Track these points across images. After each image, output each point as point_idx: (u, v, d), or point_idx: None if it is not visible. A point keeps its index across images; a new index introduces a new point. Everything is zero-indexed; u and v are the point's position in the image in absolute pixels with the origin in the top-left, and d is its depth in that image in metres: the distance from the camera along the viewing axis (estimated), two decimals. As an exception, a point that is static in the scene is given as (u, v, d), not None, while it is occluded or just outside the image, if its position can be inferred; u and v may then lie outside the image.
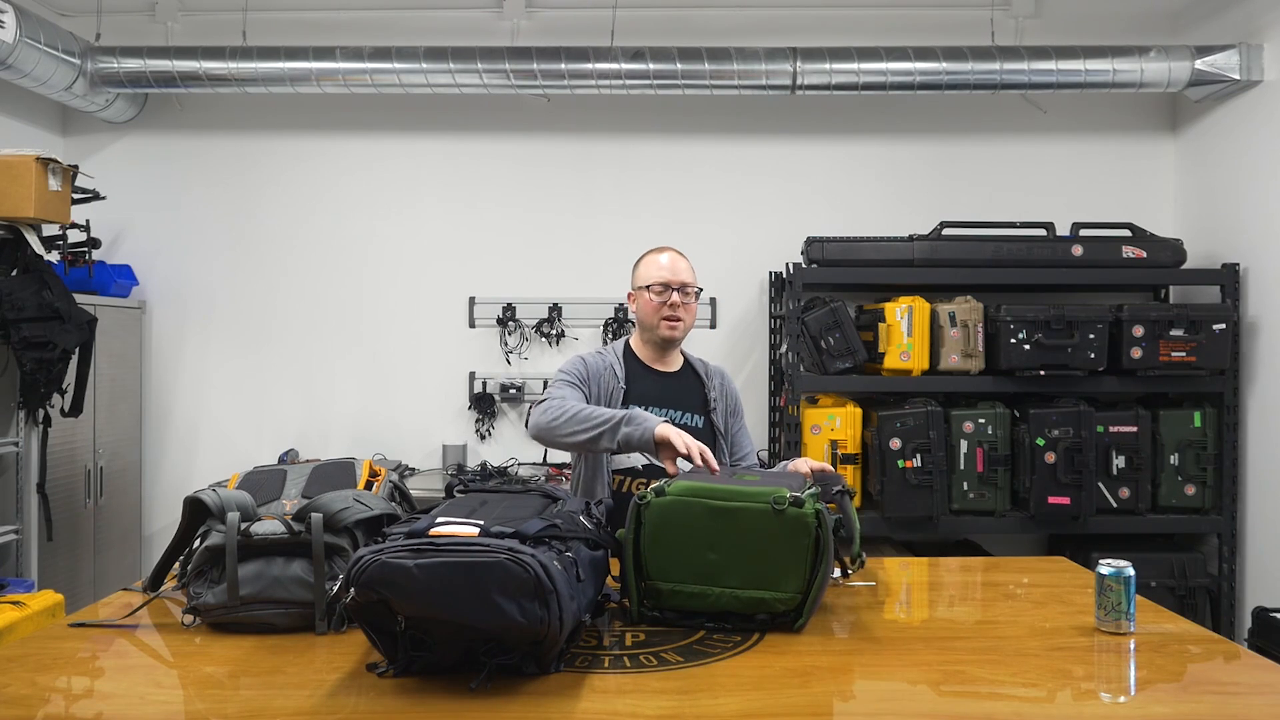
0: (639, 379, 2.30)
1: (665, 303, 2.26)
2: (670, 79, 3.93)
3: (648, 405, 2.24)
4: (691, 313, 2.31)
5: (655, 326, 2.29)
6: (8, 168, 3.28)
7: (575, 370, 2.26)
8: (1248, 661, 1.45)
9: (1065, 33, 4.22)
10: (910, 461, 3.65)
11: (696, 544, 1.55)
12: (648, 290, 2.28)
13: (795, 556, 1.52)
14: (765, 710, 1.22)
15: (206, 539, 1.53)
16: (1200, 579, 3.75)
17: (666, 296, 2.26)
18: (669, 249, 2.35)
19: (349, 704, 1.23)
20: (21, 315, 3.28)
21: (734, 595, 1.54)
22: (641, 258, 2.36)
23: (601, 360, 2.31)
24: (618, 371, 2.28)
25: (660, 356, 2.35)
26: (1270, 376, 3.69)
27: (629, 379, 2.28)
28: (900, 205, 4.35)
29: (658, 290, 2.27)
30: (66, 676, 1.36)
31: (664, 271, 2.28)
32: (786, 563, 1.52)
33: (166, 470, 4.46)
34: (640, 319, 2.34)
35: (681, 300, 2.27)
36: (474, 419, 4.40)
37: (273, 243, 4.46)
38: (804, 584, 1.52)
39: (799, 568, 1.52)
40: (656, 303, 2.27)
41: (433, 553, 1.24)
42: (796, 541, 1.52)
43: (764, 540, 1.53)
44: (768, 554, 1.53)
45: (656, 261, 2.31)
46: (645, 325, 2.32)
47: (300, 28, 4.31)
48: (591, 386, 2.25)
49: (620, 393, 2.25)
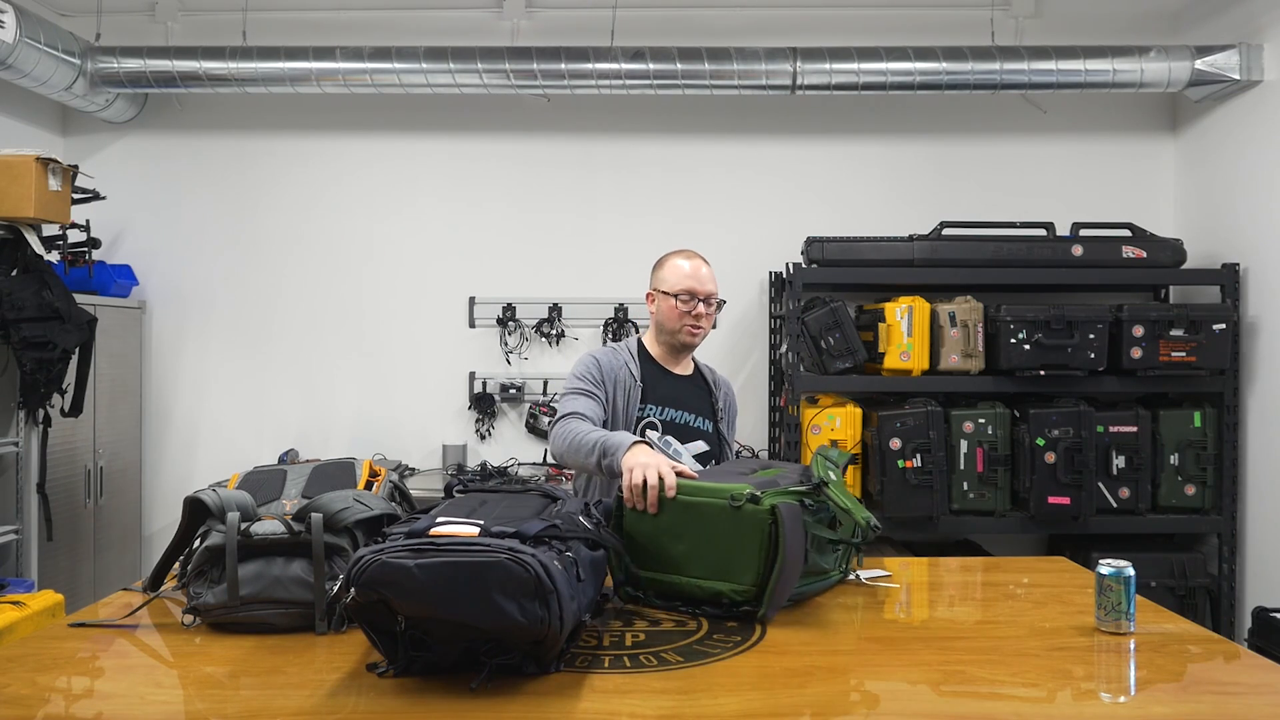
0: (656, 378, 2.29)
1: (690, 311, 2.25)
2: (670, 79, 3.93)
3: (664, 405, 2.24)
4: (710, 320, 2.31)
5: (677, 331, 2.28)
6: (8, 168, 3.28)
7: (588, 374, 2.23)
8: (1248, 661, 1.45)
9: (1065, 33, 4.22)
10: (910, 461, 3.65)
11: (667, 535, 1.66)
12: (674, 298, 2.26)
13: (749, 551, 1.59)
14: (765, 710, 1.22)
15: (206, 539, 1.53)
16: (1200, 579, 3.75)
17: (692, 306, 2.25)
18: (695, 255, 2.32)
19: (349, 704, 1.23)
20: (21, 315, 3.28)
21: (697, 585, 1.63)
22: (666, 259, 2.32)
23: (615, 358, 2.28)
24: (633, 370, 2.26)
25: (674, 358, 2.34)
26: (1270, 376, 3.69)
27: (645, 377, 2.27)
28: (900, 205, 4.35)
29: (684, 299, 2.25)
30: (66, 676, 1.36)
31: (691, 280, 2.26)
32: (742, 557, 1.59)
33: (166, 470, 4.46)
34: (661, 321, 2.31)
35: (706, 310, 2.27)
36: (474, 419, 4.40)
37: (273, 243, 4.46)
38: (758, 578, 1.58)
39: (753, 562, 1.58)
40: (681, 310, 2.25)
41: (433, 552, 1.24)
42: (750, 537, 1.59)
43: (722, 534, 1.61)
44: (726, 547, 1.61)
45: (684, 269, 2.28)
46: (666, 329, 2.30)
47: (300, 28, 4.31)
48: (607, 386, 2.23)
49: (638, 390, 2.24)
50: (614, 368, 2.25)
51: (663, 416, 2.24)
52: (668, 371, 2.32)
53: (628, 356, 2.30)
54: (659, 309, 2.31)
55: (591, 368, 2.25)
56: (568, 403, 2.19)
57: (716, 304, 2.31)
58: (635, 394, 2.23)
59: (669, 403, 2.25)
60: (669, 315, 2.28)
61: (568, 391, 2.23)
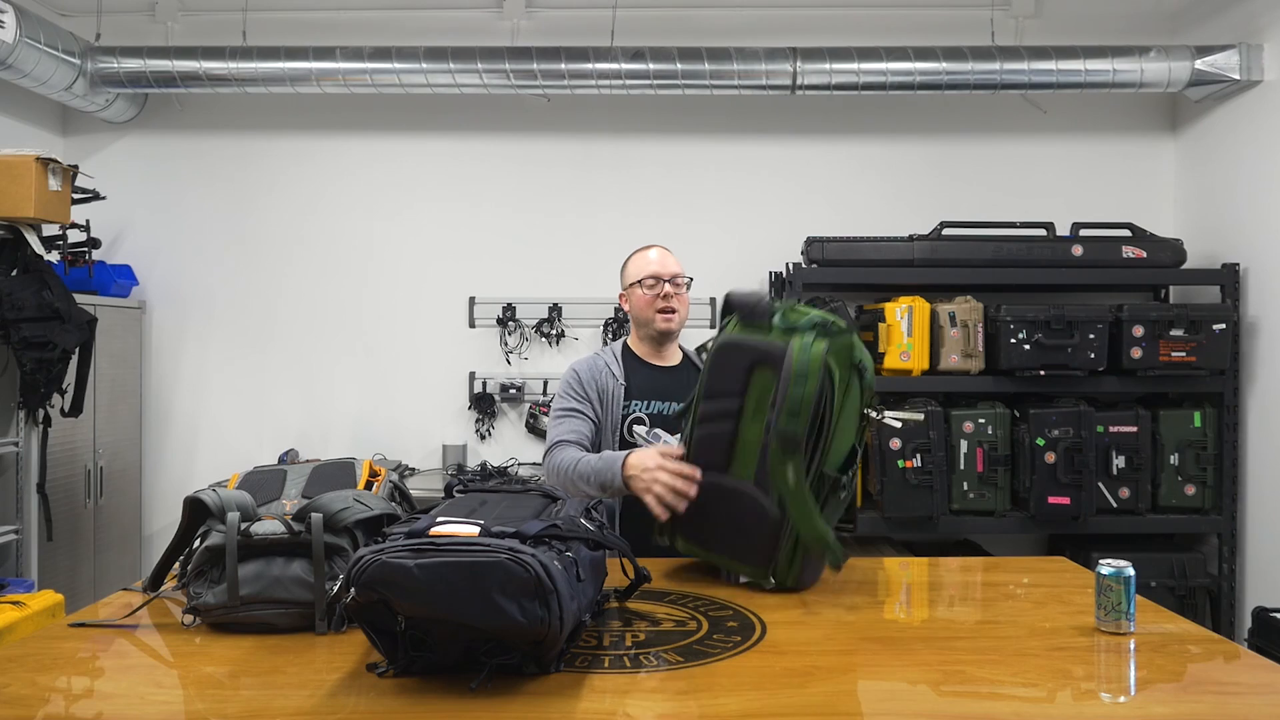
0: (637, 374, 2.31)
1: (658, 295, 2.27)
2: (670, 79, 3.93)
3: (648, 399, 2.26)
4: (684, 303, 2.32)
5: (651, 320, 2.30)
6: (8, 168, 3.28)
7: (570, 390, 2.27)
8: (1248, 661, 1.45)
9: (1065, 33, 4.21)
10: (910, 461, 3.65)
11: None
12: (639, 285, 2.29)
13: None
14: (765, 710, 1.22)
15: (206, 539, 1.52)
16: (1200, 579, 3.75)
17: (659, 289, 2.27)
18: (654, 245, 2.36)
19: (349, 704, 1.23)
20: (21, 315, 3.28)
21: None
22: (628, 258, 2.38)
23: (597, 362, 2.31)
24: (615, 371, 2.28)
25: (658, 351, 2.35)
26: (1270, 376, 3.69)
27: (628, 375, 2.29)
28: (900, 205, 4.35)
29: (650, 284, 2.28)
30: (66, 676, 1.36)
31: (653, 265, 2.30)
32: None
33: (166, 470, 4.45)
34: (635, 316, 2.34)
35: (674, 290, 2.28)
36: (474, 419, 4.39)
37: (273, 243, 4.46)
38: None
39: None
40: (650, 296, 2.28)
41: (433, 552, 1.24)
42: None
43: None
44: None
45: (644, 257, 2.34)
46: (641, 321, 2.33)
47: (300, 28, 4.31)
48: (590, 396, 2.25)
49: (621, 390, 2.26)
50: (595, 373, 2.28)
51: (649, 410, 2.26)
52: (653, 366, 2.34)
53: (610, 359, 2.32)
54: (632, 305, 2.34)
55: (573, 382, 2.28)
56: (554, 428, 2.23)
57: (686, 284, 2.33)
58: (619, 394, 2.25)
59: (654, 395, 2.27)
60: (641, 306, 2.30)
61: (554, 414, 2.27)
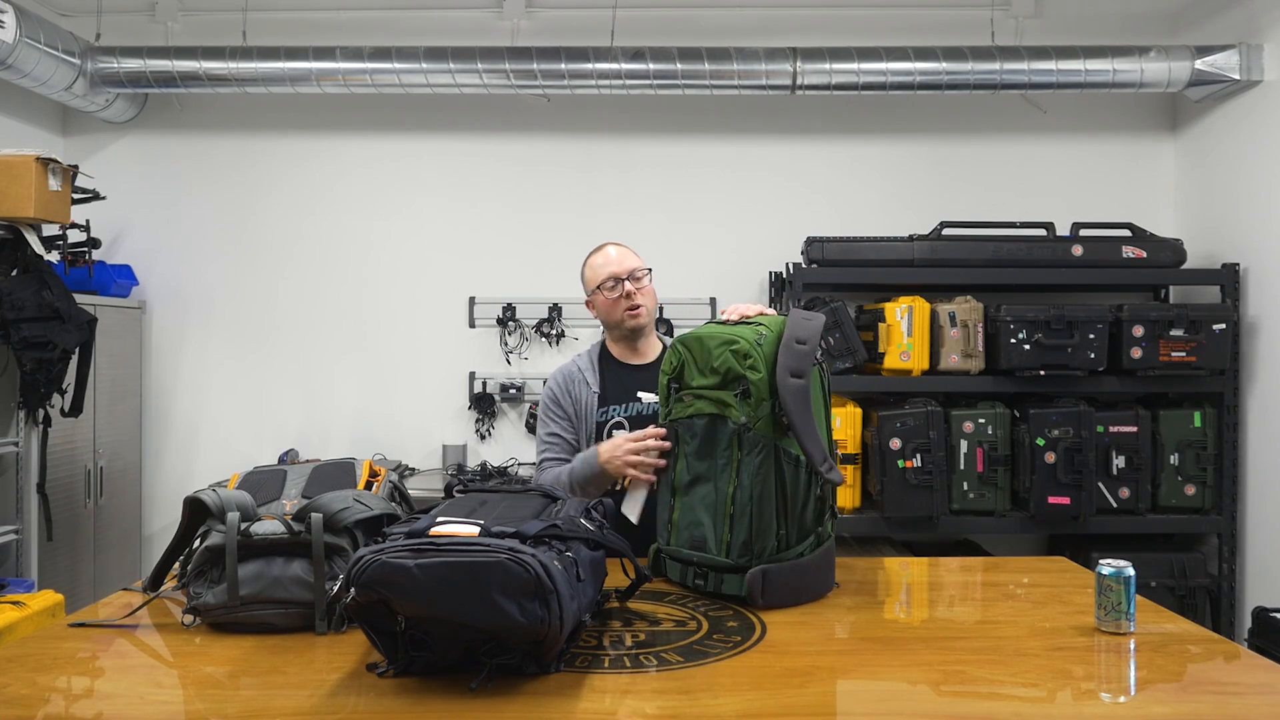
0: (610, 378, 2.31)
1: (621, 295, 2.27)
2: (670, 79, 3.93)
3: (625, 402, 2.26)
4: (649, 294, 2.31)
5: (620, 321, 2.29)
6: (8, 168, 3.28)
7: (548, 407, 2.30)
8: (1248, 661, 1.45)
9: (1065, 33, 4.22)
10: (910, 461, 3.65)
11: None
12: (600, 290, 2.29)
13: None
14: (765, 710, 1.22)
15: (206, 539, 1.52)
16: (1200, 579, 3.75)
17: (620, 289, 2.26)
18: (608, 243, 2.35)
19: (349, 704, 1.23)
20: (21, 315, 3.28)
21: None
22: (584, 264, 2.36)
23: (572, 369, 2.32)
24: (589, 379, 2.29)
25: (634, 348, 2.34)
26: (1270, 376, 3.69)
27: (603, 380, 2.29)
28: (900, 205, 4.35)
29: (610, 286, 2.27)
30: (66, 676, 1.36)
31: (610, 266, 2.29)
32: None
33: (166, 470, 4.45)
34: (604, 319, 2.34)
35: (635, 286, 2.27)
36: (474, 419, 4.39)
37: (273, 243, 4.46)
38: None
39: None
40: (613, 298, 2.27)
41: (433, 552, 1.24)
42: None
43: None
44: None
45: (600, 259, 2.32)
46: (611, 323, 2.33)
47: (300, 28, 4.31)
48: (568, 409, 2.27)
49: (594, 398, 2.27)
50: (570, 385, 2.29)
51: (627, 414, 2.26)
52: (629, 366, 2.33)
53: (585, 365, 2.32)
54: (599, 310, 2.34)
55: (549, 402, 2.31)
56: (540, 446, 2.28)
57: (647, 275, 2.31)
58: (593, 403, 2.26)
59: (630, 398, 2.27)
60: (607, 309, 2.30)
61: (538, 435, 2.31)
